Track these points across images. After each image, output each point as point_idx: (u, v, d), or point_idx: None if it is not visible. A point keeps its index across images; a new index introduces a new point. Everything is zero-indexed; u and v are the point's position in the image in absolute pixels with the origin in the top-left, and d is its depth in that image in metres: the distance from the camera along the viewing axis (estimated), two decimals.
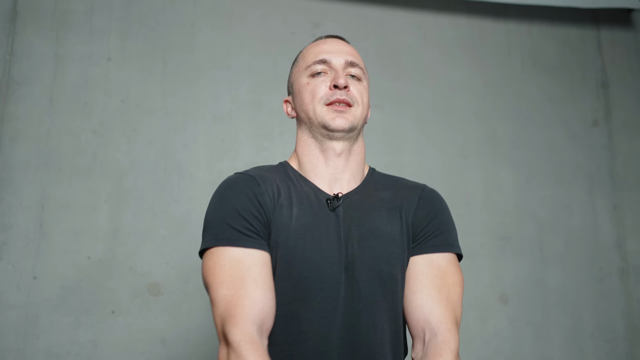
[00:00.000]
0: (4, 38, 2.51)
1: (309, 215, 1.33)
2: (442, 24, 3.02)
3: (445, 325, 1.28)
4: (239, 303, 1.20)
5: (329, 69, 1.41)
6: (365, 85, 1.46)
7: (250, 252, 1.26)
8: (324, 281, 1.28)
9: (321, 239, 1.31)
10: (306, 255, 1.29)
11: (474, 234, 2.78)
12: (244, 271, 1.24)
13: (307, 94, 1.40)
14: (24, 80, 2.49)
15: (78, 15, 2.61)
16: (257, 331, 1.19)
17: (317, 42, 1.50)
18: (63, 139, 2.46)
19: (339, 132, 1.37)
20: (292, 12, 2.86)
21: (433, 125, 2.87)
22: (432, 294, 1.31)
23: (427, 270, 1.34)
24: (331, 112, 1.37)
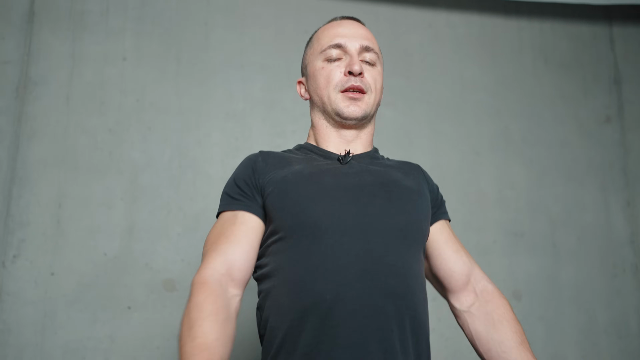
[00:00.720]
0: (22, 39, 2.56)
1: (312, 167, 1.37)
2: (454, 22, 3.03)
3: (488, 278, 1.48)
4: (207, 256, 1.30)
5: (343, 53, 1.42)
6: (380, 69, 1.48)
7: (233, 213, 1.36)
8: (337, 215, 1.27)
9: (331, 182, 1.33)
10: (311, 195, 1.30)
11: (486, 231, 2.79)
12: (223, 229, 1.34)
13: (322, 79, 1.42)
14: (41, 80, 2.53)
15: (94, 16, 2.65)
16: (216, 277, 1.25)
17: (332, 23, 1.51)
18: (79, 137, 2.50)
19: (352, 120, 1.40)
20: (305, 10, 2.88)
21: (445, 123, 2.88)
22: (467, 254, 1.50)
23: (453, 232, 1.53)
24: (345, 100, 1.39)
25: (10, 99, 2.48)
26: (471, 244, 2.74)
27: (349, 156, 1.41)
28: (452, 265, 1.44)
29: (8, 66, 2.51)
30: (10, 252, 2.34)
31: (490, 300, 1.41)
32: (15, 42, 2.55)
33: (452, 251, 1.45)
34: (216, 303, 1.20)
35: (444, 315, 2.17)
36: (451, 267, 1.45)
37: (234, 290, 1.27)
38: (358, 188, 1.32)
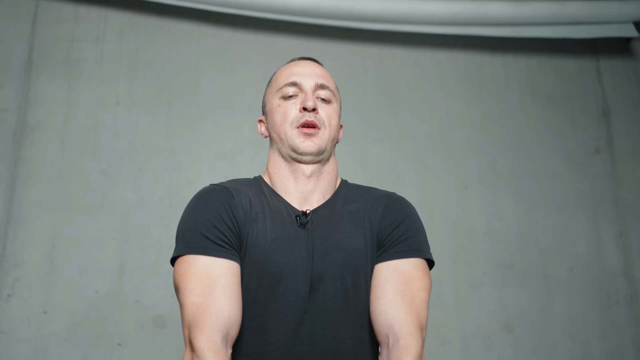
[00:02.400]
0: (20, 87, 2.68)
1: (279, 230, 1.37)
2: (440, 60, 3.10)
3: (407, 329, 1.27)
4: (206, 311, 1.23)
5: (299, 91, 1.46)
6: (335, 107, 1.51)
7: (220, 262, 1.29)
8: (292, 295, 1.31)
9: (291, 253, 1.35)
10: (277, 269, 1.33)
11: (476, 263, 2.80)
12: (214, 280, 1.27)
13: (279, 116, 1.45)
14: (37, 126, 2.64)
15: (89, 64, 2.77)
16: (222, 339, 1.22)
17: (289, 64, 1.56)
18: (73, 179, 2.59)
19: (308, 155, 1.41)
20: (292, 52, 2.95)
21: (433, 158, 2.93)
22: (395, 300, 1.31)
23: (392, 277, 1.35)
24: (301, 136, 1.41)
25: (7, 144, 2.59)
26: (461, 277, 2.76)
27: (305, 218, 1.41)
28: (373, 312, 1.35)
29: (6, 113, 2.63)
30: (5, 292, 2.41)
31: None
32: (13, 90, 2.67)
33: (375, 297, 1.35)
34: None
35: None
36: (372, 315, 1.35)
37: (230, 350, 1.26)
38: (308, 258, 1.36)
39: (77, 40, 2.80)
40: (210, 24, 2.94)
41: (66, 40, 2.79)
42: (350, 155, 2.84)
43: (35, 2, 2.83)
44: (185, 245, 1.33)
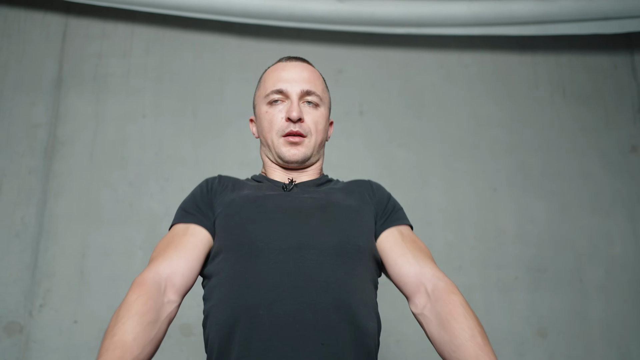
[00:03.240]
0: (50, 103, 2.76)
1: (259, 192, 1.45)
2: (466, 61, 3.06)
3: (440, 272, 1.40)
4: (152, 260, 1.37)
5: (286, 97, 1.50)
6: (323, 111, 1.53)
7: (184, 225, 1.43)
8: (273, 236, 1.32)
9: (272, 205, 1.39)
10: (253, 216, 1.37)
11: (507, 267, 2.74)
12: (171, 239, 1.41)
13: (266, 122, 1.51)
14: (67, 140, 2.71)
15: (116, 78, 2.84)
16: (156, 279, 1.30)
17: (277, 65, 1.58)
18: (102, 191, 2.65)
19: (293, 162, 1.49)
20: (315, 59, 2.96)
21: (460, 161, 2.88)
22: (417, 254, 1.43)
23: (404, 237, 1.46)
24: (286, 144, 1.48)
25: (39, 158, 2.67)
26: (491, 282, 2.70)
27: (292, 184, 1.48)
28: (399, 269, 1.42)
29: (38, 129, 2.71)
30: (37, 302, 2.47)
31: (440, 299, 1.34)
32: (44, 106, 2.75)
33: (398, 256, 1.43)
34: (146, 304, 1.24)
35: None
36: (399, 272, 1.42)
37: (172, 297, 1.32)
38: (296, 210, 1.38)
39: (105, 56, 2.87)
40: (233, 34, 2.98)
41: (94, 56, 2.87)
42: (376, 161, 2.83)
43: (65, 21, 2.91)
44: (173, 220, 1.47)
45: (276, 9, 2.80)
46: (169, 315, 1.30)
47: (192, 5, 2.81)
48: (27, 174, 2.65)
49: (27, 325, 2.44)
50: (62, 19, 2.91)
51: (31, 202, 2.61)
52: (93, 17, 2.93)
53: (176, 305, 1.34)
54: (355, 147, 2.84)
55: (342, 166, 2.80)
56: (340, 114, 2.89)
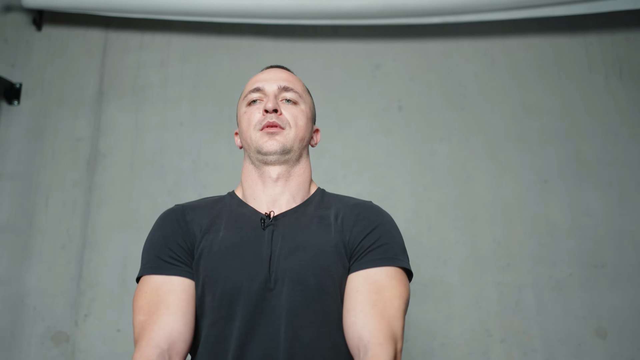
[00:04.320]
0: (92, 116, 2.82)
1: (236, 237, 1.35)
2: (511, 47, 2.90)
3: (377, 339, 1.21)
4: (147, 328, 1.26)
5: (263, 96, 1.46)
6: (303, 108, 1.48)
7: (170, 279, 1.32)
8: (246, 298, 1.27)
9: (246, 257, 1.31)
10: (228, 275, 1.29)
11: (560, 264, 2.57)
12: (161, 297, 1.29)
13: (245, 122, 1.46)
14: (108, 152, 2.77)
15: (154, 88, 2.87)
16: (159, 355, 1.22)
17: (257, 73, 1.56)
18: (142, 201, 2.69)
19: (271, 154, 1.40)
20: (352, 56, 2.91)
21: (506, 152, 2.73)
22: (365, 310, 1.26)
23: (363, 287, 1.29)
24: (264, 136, 1.41)
25: (82, 171, 2.74)
26: (543, 280, 2.54)
27: (269, 220, 1.38)
28: (344, 324, 1.29)
29: (81, 142, 2.78)
30: (82, 312, 2.53)
31: None
32: (86, 120, 2.82)
33: (346, 310, 1.29)
34: None
35: None
36: (343, 326, 1.30)
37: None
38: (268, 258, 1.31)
39: (143, 67, 2.92)
40: (268, 36, 2.95)
41: (133, 67, 2.91)
42: (416, 157, 2.72)
43: (105, 35, 2.98)
44: (142, 266, 1.38)
45: (307, 7, 2.75)
46: None
47: (227, 11, 2.80)
48: (72, 187, 2.72)
49: (73, 334, 2.50)
50: (102, 34, 2.98)
51: (75, 214, 2.68)
52: (131, 30, 2.98)
53: None
54: (394, 144, 2.75)
55: (381, 164, 2.71)
56: (378, 111, 2.81)
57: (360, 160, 2.73)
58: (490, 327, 2.48)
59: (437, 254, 2.59)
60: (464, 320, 2.49)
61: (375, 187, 2.68)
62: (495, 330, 2.47)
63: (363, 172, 2.71)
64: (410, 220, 2.63)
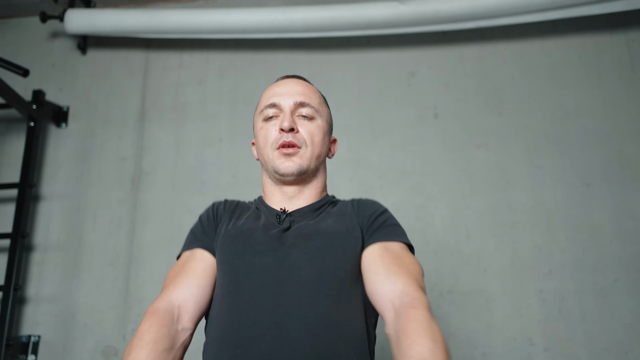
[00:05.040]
0: (136, 136, 2.92)
1: (252, 223, 1.43)
2: (549, 48, 2.84)
3: (412, 287, 1.26)
4: (166, 288, 1.38)
5: (279, 111, 1.48)
6: (320, 123, 1.50)
7: (193, 251, 1.46)
8: (254, 271, 1.32)
9: (259, 238, 1.38)
10: (240, 251, 1.37)
11: (605, 270, 2.50)
12: (184, 267, 1.42)
13: (262, 138, 1.50)
14: (151, 170, 2.85)
15: (193, 106, 2.94)
16: (168, 308, 1.32)
17: (272, 85, 1.58)
18: (184, 216, 2.76)
19: (289, 175, 1.45)
20: (386, 65, 2.91)
21: (546, 156, 2.67)
22: (392, 269, 1.31)
23: (384, 253, 1.36)
24: (281, 157, 1.45)
25: (127, 189, 2.83)
26: (587, 286, 2.48)
27: (284, 214, 1.45)
28: (371, 288, 1.33)
29: (125, 161, 2.88)
30: (130, 326, 2.62)
31: (400, 315, 1.22)
32: (130, 139, 2.92)
33: (371, 273, 1.34)
34: (159, 332, 1.26)
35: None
36: (371, 290, 1.34)
37: (186, 324, 1.34)
38: (281, 243, 1.36)
39: (183, 85, 3.00)
40: (303, 50, 2.98)
41: (173, 86, 3.00)
42: (453, 164, 2.70)
43: (146, 56, 3.07)
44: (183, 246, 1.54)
45: (339, 19, 2.77)
46: (183, 343, 1.33)
47: (261, 27, 2.85)
48: (117, 205, 2.82)
49: (122, 348, 2.59)
50: (143, 55, 3.08)
51: (121, 231, 2.77)
52: (171, 49, 3.06)
53: (190, 333, 1.36)
54: (430, 152, 2.73)
55: (417, 173, 2.70)
56: (414, 119, 2.80)
57: (396, 170, 2.73)
58: (533, 335, 2.44)
59: (477, 263, 2.56)
60: (506, 329, 2.45)
61: (412, 196, 2.68)
62: (538, 339, 2.43)
63: (400, 181, 2.71)
64: (448, 228, 2.61)
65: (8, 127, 3.00)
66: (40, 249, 2.79)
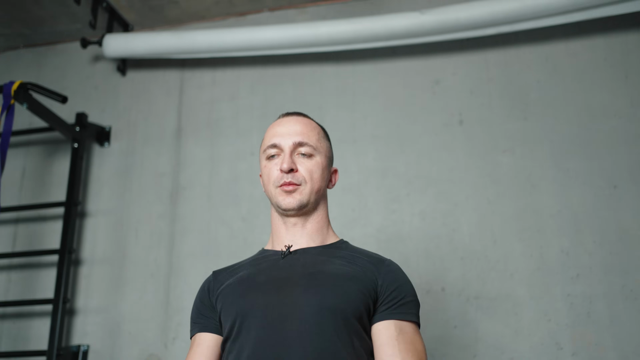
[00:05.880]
0: (173, 153, 3.06)
1: (253, 270, 1.52)
2: (575, 50, 2.83)
3: None
4: None
5: (280, 151, 1.58)
6: (318, 160, 1.59)
7: (194, 337, 1.57)
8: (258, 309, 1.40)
9: (262, 279, 1.47)
10: (242, 292, 1.46)
11: (634, 272, 2.48)
12: (189, 355, 1.55)
13: (266, 176, 1.60)
14: (188, 185, 2.99)
15: (227, 121, 3.07)
16: None
17: (275, 122, 1.67)
18: (219, 229, 2.88)
19: (290, 210, 1.55)
20: (411, 74, 2.96)
21: (573, 159, 2.67)
22: (408, 357, 1.40)
23: (400, 337, 1.42)
24: (282, 194, 1.55)
25: (166, 204, 2.98)
26: (615, 289, 2.46)
27: (287, 251, 1.54)
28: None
29: (164, 177, 3.03)
30: (171, 335, 2.76)
31: None
32: (168, 156, 3.06)
33: (387, 356, 1.40)
34: None
35: None
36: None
37: None
38: (284, 280, 1.44)
39: (217, 102, 3.12)
40: (330, 62, 3.06)
41: (207, 103, 3.13)
42: (478, 170, 2.73)
43: (181, 75, 3.22)
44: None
45: (362, 32, 2.84)
46: None
47: (288, 43, 2.95)
48: (157, 219, 2.97)
49: (164, 356, 2.73)
50: (179, 74, 3.22)
51: (161, 244, 2.92)
52: (204, 68, 3.20)
53: None
54: (455, 159, 2.77)
55: (443, 180, 2.74)
56: (438, 126, 2.84)
57: (422, 178, 2.77)
58: (561, 340, 2.44)
59: (504, 268, 2.58)
60: (533, 334, 2.47)
61: (438, 203, 2.72)
62: (566, 344, 2.44)
63: (426, 189, 2.75)
64: (474, 234, 2.64)
65: (56, 148, 3.19)
66: (88, 263, 2.97)
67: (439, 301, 2.58)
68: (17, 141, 3.26)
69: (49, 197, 3.10)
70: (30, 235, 3.08)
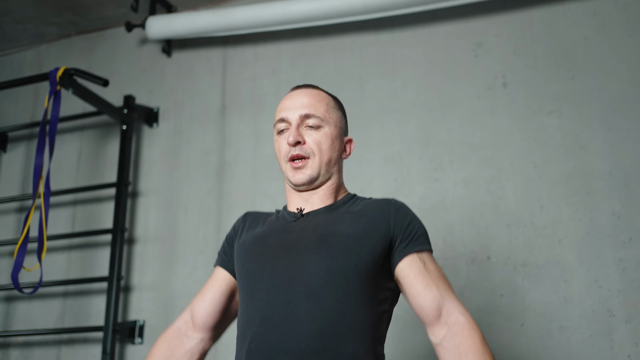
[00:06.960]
0: (218, 130, 3.11)
1: (267, 229, 1.58)
2: (624, 3, 2.67)
3: (463, 308, 1.47)
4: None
5: (289, 125, 1.59)
6: (327, 130, 1.59)
7: (215, 269, 1.71)
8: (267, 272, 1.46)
9: (272, 241, 1.52)
10: (253, 255, 1.52)
11: None
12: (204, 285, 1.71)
13: (277, 151, 1.63)
14: (233, 161, 3.03)
15: (269, 97, 3.08)
16: (177, 324, 1.66)
17: (284, 97, 1.69)
18: (264, 203, 2.91)
19: (301, 185, 1.58)
20: (452, 38, 2.87)
21: (624, 118, 2.53)
22: (441, 286, 1.49)
23: (426, 266, 1.51)
24: (292, 170, 1.58)
25: (213, 181, 3.04)
26: None
27: (299, 214, 1.57)
28: (422, 300, 1.47)
29: (210, 155, 3.08)
30: None
31: (460, 333, 1.42)
32: (213, 133, 3.11)
33: (422, 286, 1.48)
34: (161, 346, 1.62)
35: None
36: (420, 303, 1.48)
37: (195, 334, 1.64)
38: (294, 243, 1.48)
39: (259, 78, 3.14)
40: (369, 30, 3.02)
41: (250, 79, 3.15)
42: (524, 134, 2.63)
43: (224, 52, 3.25)
44: None
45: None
46: (189, 350, 1.61)
47: (327, 13, 2.92)
48: (205, 196, 3.03)
49: None
50: (222, 51, 3.25)
51: (209, 221, 2.98)
52: (246, 44, 3.21)
53: (200, 339, 1.64)
54: (500, 123, 2.68)
55: (487, 145, 2.67)
56: (481, 90, 2.75)
57: (465, 144, 2.71)
58: (613, 307, 2.35)
59: (552, 234, 2.49)
60: (584, 301, 2.39)
61: (482, 169, 2.65)
62: (618, 311, 2.34)
63: (469, 155, 2.68)
64: (520, 200, 2.56)
65: (108, 131, 3.30)
66: (141, 241, 3.07)
67: (484, 270, 2.53)
68: (73, 126, 3.39)
69: (103, 179, 3.21)
70: (88, 216, 3.21)
